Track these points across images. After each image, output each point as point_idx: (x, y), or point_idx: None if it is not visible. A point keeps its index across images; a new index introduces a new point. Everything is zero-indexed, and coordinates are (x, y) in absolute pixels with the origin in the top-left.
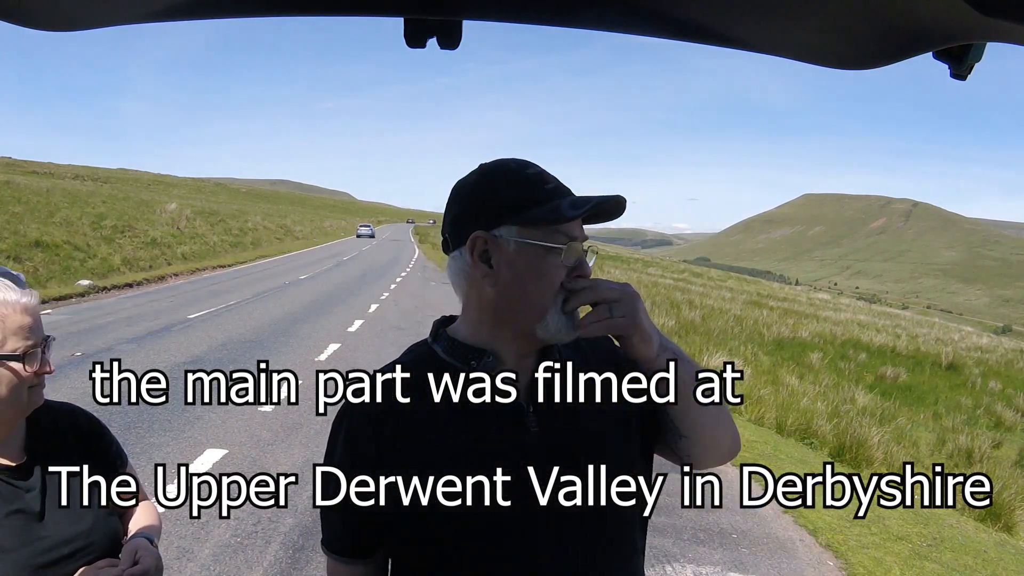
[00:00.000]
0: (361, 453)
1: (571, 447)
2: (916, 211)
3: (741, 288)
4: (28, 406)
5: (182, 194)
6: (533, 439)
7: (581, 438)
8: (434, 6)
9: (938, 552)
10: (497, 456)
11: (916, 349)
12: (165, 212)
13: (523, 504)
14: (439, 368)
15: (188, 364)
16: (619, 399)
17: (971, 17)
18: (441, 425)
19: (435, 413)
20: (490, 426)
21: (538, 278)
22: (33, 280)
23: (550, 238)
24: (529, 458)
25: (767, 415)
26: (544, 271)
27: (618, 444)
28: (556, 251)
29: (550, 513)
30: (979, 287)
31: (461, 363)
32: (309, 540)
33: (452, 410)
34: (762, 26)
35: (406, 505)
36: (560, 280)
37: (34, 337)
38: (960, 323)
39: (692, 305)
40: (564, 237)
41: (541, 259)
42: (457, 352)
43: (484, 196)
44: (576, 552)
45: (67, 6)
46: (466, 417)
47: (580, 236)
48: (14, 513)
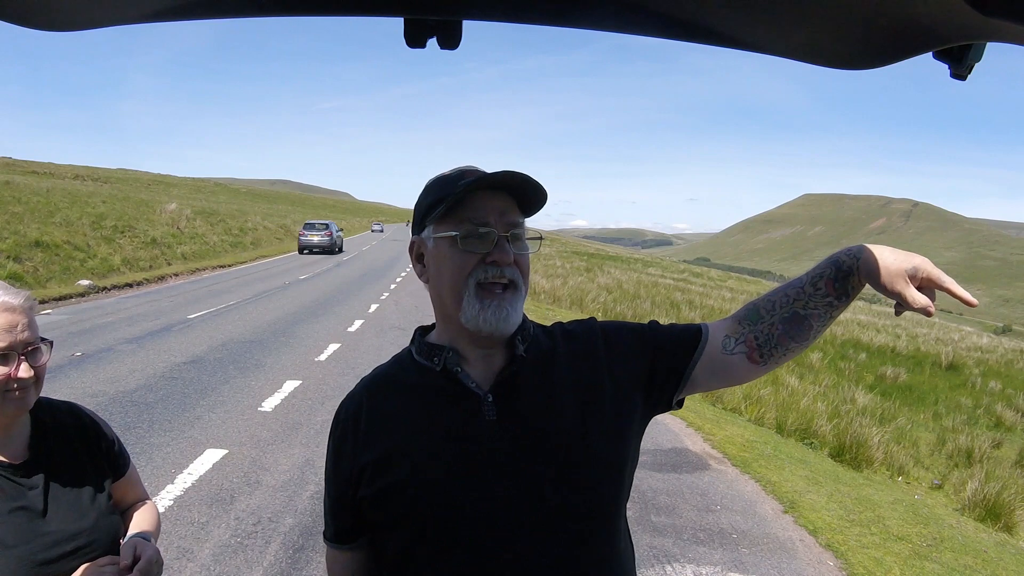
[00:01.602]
0: (341, 448)
1: (528, 436)
2: (916, 211)
3: (741, 288)
4: (17, 410)
5: (182, 194)
6: (490, 426)
7: (540, 428)
8: (434, 6)
9: (938, 552)
10: (454, 442)
11: (916, 349)
12: (165, 212)
13: (479, 490)
14: (410, 368)
15: (188, 364)
16: (600, 389)
17: (971, 17)
18: (407, 417)
19: (403, 406)
20: (452, 415)
21: (449, 267)
22: (33, 280)
23: (457, 227)
24: (483, 445)
25: (767, 415)
26: (452, 259)
27: (587, 436)
28: (461, 239)
29: (507, 500)
30: (979, 287)
31: (427, 361)
32: (309, 540)
33: (418, 403)
34: (762, 26)
35: (373, 490)
36: (470, 267)
37: (11, 338)
38: (960, 323)
39: (692, 305)
40: (470, 225)
41: (449, 248)
42: (424, 351)
43: (417, 206)
44: (534, 540)
45: (67, 6)
46: (429, 408)
47: (495, 222)
48: (17, 510)
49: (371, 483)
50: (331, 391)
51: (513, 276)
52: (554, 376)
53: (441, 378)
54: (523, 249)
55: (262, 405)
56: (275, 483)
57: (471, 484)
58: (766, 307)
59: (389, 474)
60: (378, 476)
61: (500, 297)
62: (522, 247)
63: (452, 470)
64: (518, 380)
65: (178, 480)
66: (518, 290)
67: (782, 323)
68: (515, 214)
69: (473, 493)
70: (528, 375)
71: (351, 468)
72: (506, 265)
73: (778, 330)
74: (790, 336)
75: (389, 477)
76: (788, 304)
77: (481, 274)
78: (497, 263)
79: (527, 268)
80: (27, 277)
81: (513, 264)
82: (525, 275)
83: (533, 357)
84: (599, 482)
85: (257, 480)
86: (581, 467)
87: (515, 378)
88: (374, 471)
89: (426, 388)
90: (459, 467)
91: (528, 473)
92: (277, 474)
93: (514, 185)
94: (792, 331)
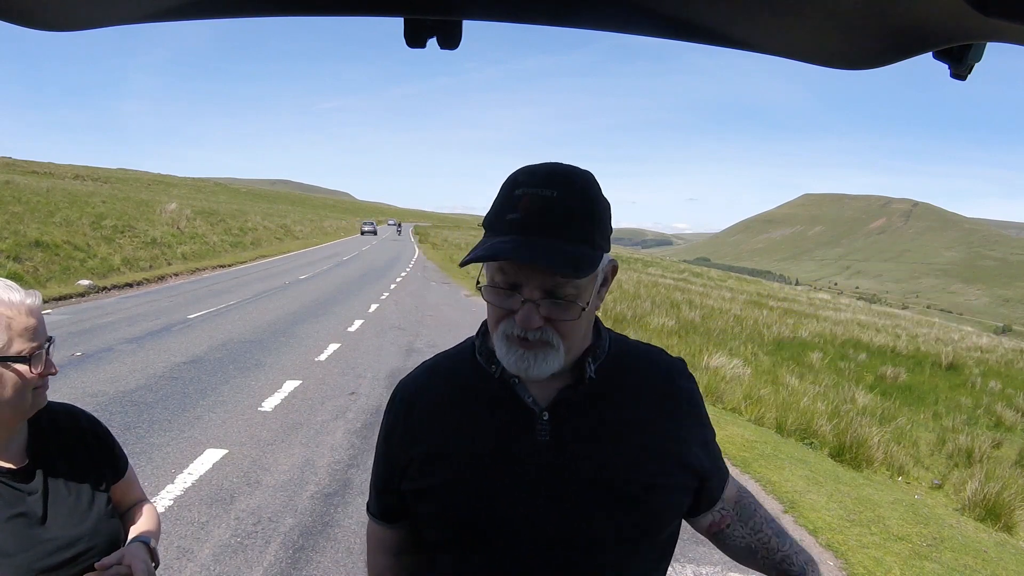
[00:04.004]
0: (391, 435)
1: (579, 463)
2: (916, 211)
3: (741, 288)
4: (32, 407)
5: (182, 194)
6: (541, 447)
7: (593, 457)
8: (434, 6)
9: (938, 552)
10: (501, 457)
11: (916, 349)
12: (165, 212)
13: (517, 510)
14: (469, 366)
15: (188, 364)
16: (668, 436)
17: (971, 17)
18: (458, 419)
19: (456, 407)
20: (504, 428)
21: (488, 306)
22: (33, 280)
23: (493, 272)
24: (530, 465)
25: (767, 415)
26: (488, 301)
27: (642, 478)
28: (489, 289)
29: (544, 526)
30: (979, 287)
31: (486, 364)
32: (309, 540)
33: (472, 407)
34: (762, 26)
35: (415, 487)
36: (499, 317)
37: (38, 339)
38: (960, 323)
39: (692, 305)
40: (501, 275)
41: (485, 292)
42: (484, 353)
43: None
44: (568, 567)
45: (67, 6)
46: (482, 415)
47: (525, 283)
48: (16, 517)
49: (414, 479)
50: (331, 391)
51: (539, 337)
52: (621, 404)
53: (498, 386)
54: (564, 313)
55: (262, 405)
56: (275, 483)
57: (511, 503)
58: (757, 541)
59: (432, 475)
60: (421, 474)
61: (527, 346)
62: (563, 310)
63: (494, 486)
64: (578, 402)
65: (178, 480)
66: (551, 346)
67: (742, 549)
68: (555, 278)
69: (511, 512)
70: (591, 398)
71: (398, 458)
72: (530, 329)
73: (740, 543)
74: (736, 553)
75: (431, 478)
76: (760, 556)
77: (508, 328)
78: (520, 325)
79: (568, 331)
80: (27, 277)
81: (544, 327)
82: (564, 336)
83: (602, 379)
84: (649, 525)
85: (257, 480)
86: (630, 506)
87: (576, 400)
88: (419, 468)
89: (481, 393)
90: (501, 484)
91: (574, 502)
92: (277, 474)
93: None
94: (739, 555)
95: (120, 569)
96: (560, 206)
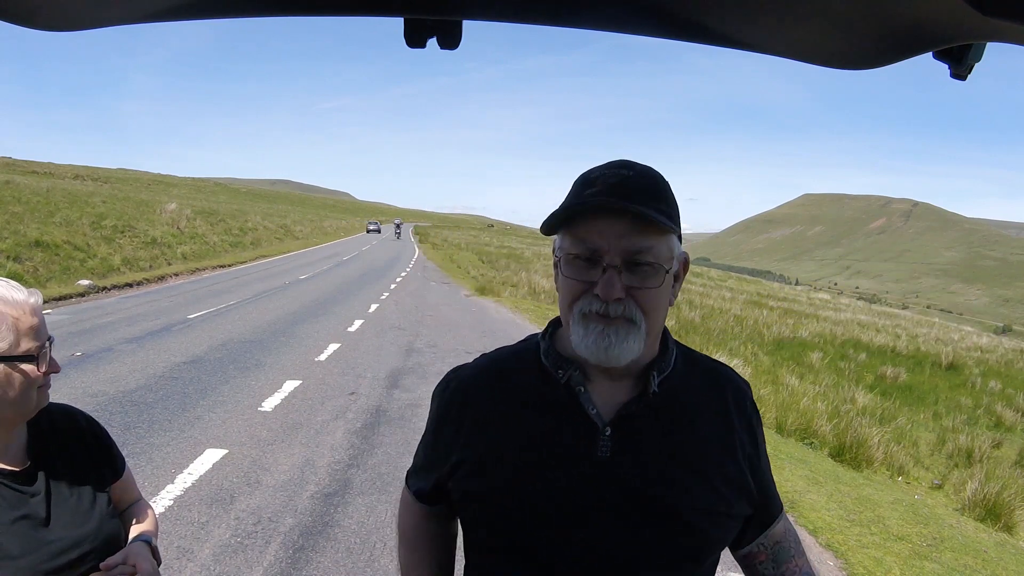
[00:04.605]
0: (441, 428)
1: (639, 483)
2: (916, 211)
3: (741, 288)
4: (36, 406)
5: (182, 194)
6: (600, 464)
7: (654, 479)
8: (434, 6)
9: (938, 552)
10: (559, 469)
11: (916, 349)
12: (165, 212)
13: (571, 524)
14: (533, 368)
15: (188, 364)
16: (733, 460)
17: (971, 17)
18: (516, 423)
19: (515, 409)
20: (564, 438)
21: (561, 289)
22: (33, 280)
23: (572, 245)
24: (588, 482)
25: (767, 415)
26: (563, 282)
27: (701, 504)
28: (568, 262)
29: (594, 542)
30: (979, 287)
31: (553, 368)
32: (309, 540)
33: (532, 412)
34: (762, 26)
35: (462, 489)
36: (575, 295)
37: (42, 337)
38: (960, 323)
39: (692, 305)
40: (582, 247)
41: (565, 267)
42: (551, 357)
43: None
44: None
45: (67, 6)
46: (543, 422)
47: (608, 247)
48: (20, 519)
49: (462, 481)
50: (331, 391)
51: (622, 313)
52: (683, 424)
53: (563, 393)
54: (645, 280)
55: (262, 405)
56: (275, 483)
57: (562, 517)
58: None
59: (483, 480)
60: (471, 477)
61: (607, 322)
62: (645, 277)
63: (547, 497)
64: (641, 418)
65: (178, 480)
66: (633, 324)
67: None
68: (638, 237)
69: (560, 525)
70: (655, 416)
71: (446, 456)
72: (611, 301)
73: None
74: None
75: (482, 482)
76: None
77: (586, 306)
78: (600, 297)
79: (650, 304)
80: (27, 277)
81: (624, 299)
82: (647, 312)
83: (666, 393)
84: (699, 551)
85: (257, 480)
86: (683, 531)
87: (640, 416)
88: (469, 470)
89: (544, 398)
90: (555, 497)
91: (627, 522)
92: (277, 474)
93: (633, 212)
94: None
95: (125, 569)
96: (638, 181)
